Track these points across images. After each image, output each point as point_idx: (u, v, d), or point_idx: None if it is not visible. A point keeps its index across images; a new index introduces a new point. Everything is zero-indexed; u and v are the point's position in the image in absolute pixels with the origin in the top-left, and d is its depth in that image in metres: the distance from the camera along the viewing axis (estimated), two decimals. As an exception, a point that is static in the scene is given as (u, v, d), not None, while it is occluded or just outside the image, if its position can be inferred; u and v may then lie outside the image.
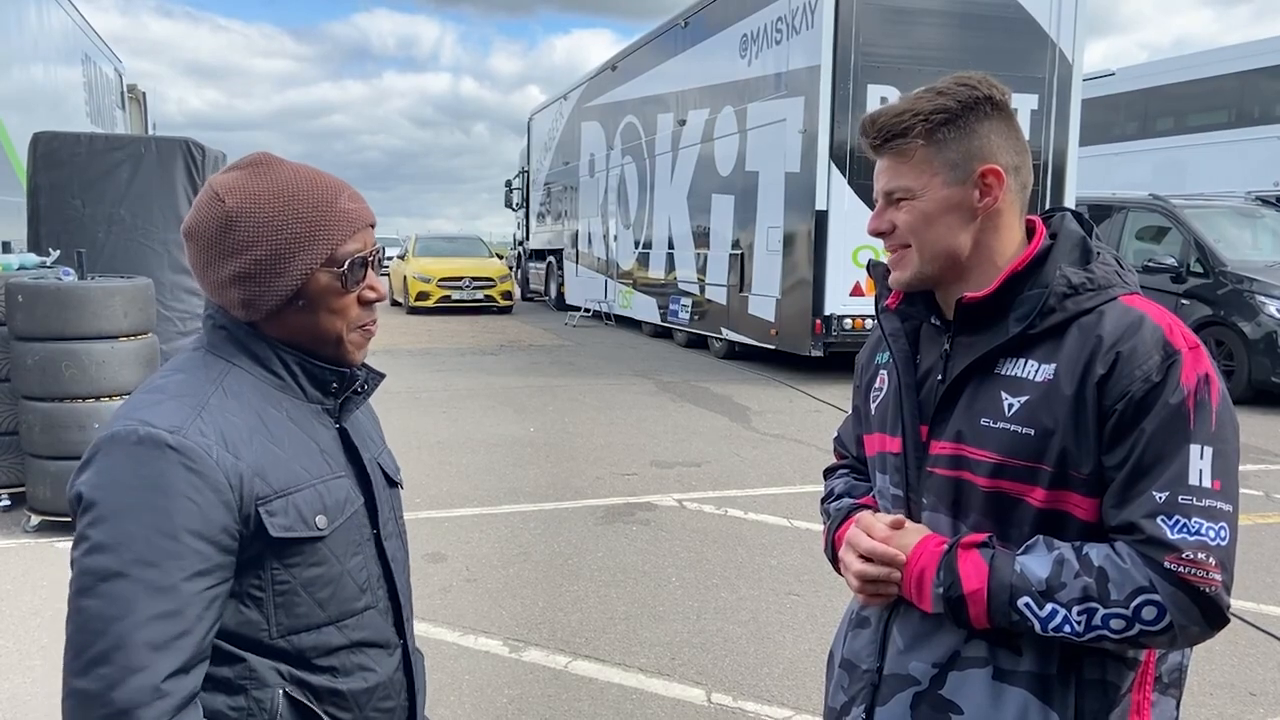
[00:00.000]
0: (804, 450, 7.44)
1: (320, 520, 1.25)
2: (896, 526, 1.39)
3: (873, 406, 1.52)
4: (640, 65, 15.78)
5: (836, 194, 10.19)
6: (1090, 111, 12.16)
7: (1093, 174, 14.52)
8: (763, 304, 11.53)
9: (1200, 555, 1.20)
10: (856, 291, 10.28)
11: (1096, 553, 1.25)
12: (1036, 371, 1.30)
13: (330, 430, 1.35)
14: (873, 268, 1.54)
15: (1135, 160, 16.93)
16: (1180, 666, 1.36)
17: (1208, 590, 1.20)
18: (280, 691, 1.23)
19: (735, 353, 12.68)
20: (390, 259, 23.29)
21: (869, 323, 10.53)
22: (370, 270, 1.32)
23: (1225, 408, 1.26)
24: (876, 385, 1.52)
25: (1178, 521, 1.21)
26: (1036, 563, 1.26)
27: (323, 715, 1.25)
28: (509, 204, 26.46)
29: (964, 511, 1.35)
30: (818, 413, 8.98)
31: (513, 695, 3.58)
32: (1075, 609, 1.23)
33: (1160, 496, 1.22)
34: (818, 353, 10.54)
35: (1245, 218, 11.55)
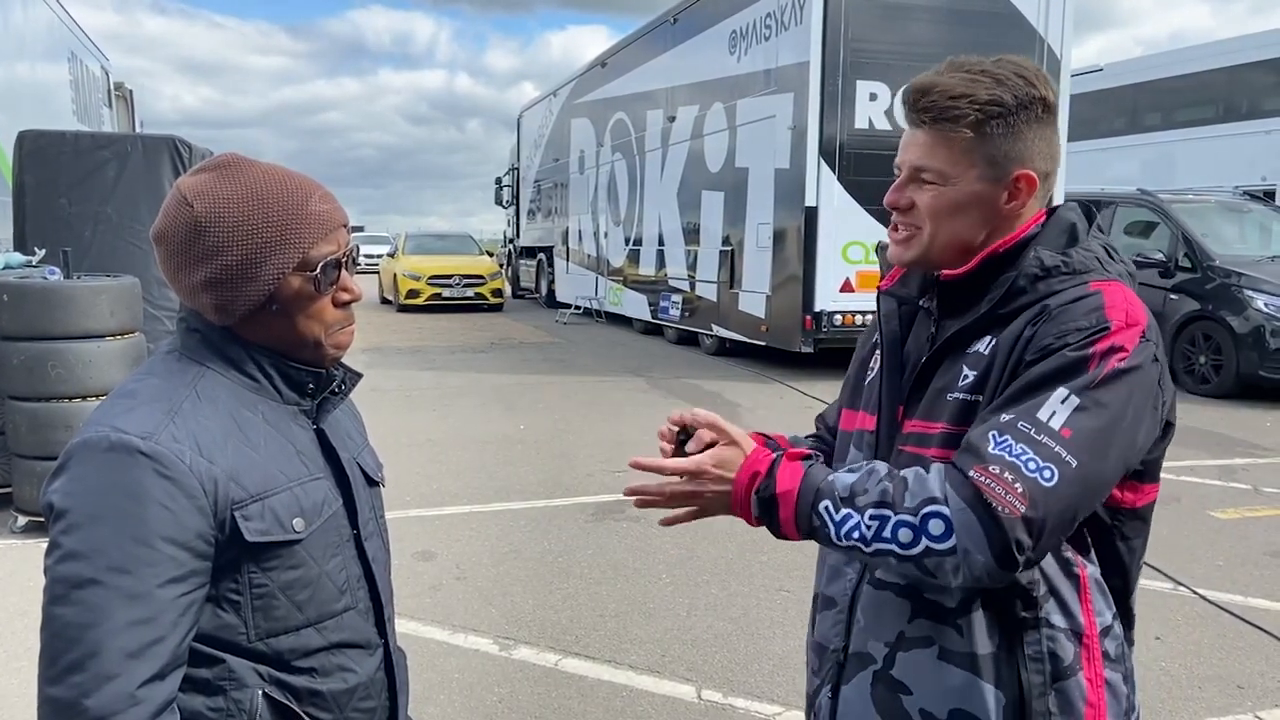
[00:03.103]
0: (794, 446, 7.44)
1: (297, 523, 1.24)
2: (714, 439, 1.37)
3: (865, 384, 1.53)
4: (630, 62, 15.76)
5: (826, 190, 10.19)
6: (1079, 107, 12.22)
7: (1082, 169, 14.59)
8: (753, 300, 11.54)
9: (1007, 475, 1.15)
10: (846, 288, 10.29)
11: (907, 469, 1.24)
12: (992, 344, 1.30)
13: (307, 431, 1.34)
14: (881, 250, 1.53)
15: (1124, 155, 17.01)
16: (1120, 640, 1.34)
17: (1000, 510, 1.13)
18: (259, 692, 1.22)
19: (726, 349, 12.69)
20: (379, 257, 23.21)
21: (859, 319, 10.64)
22: (344, 272, 1.30)
23: (1122, 379, 1.20)
24: (871, 365, 1.53)
25: (1005, 441, 1.17)
26: (849, 474, 1.26)
27: (303, 715, 1.24)
28: (499, 201, 26.43)
29: None
30: (808, 409, 8.99)
31: (502, 694, 3.57)
32: (868, 513, 1.20)
33: (1005, 418, 1.20)
34: (808, 349, 10.55)
35: (1233, 212, 11.61)
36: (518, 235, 24.81)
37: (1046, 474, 1.15)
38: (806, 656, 1.59)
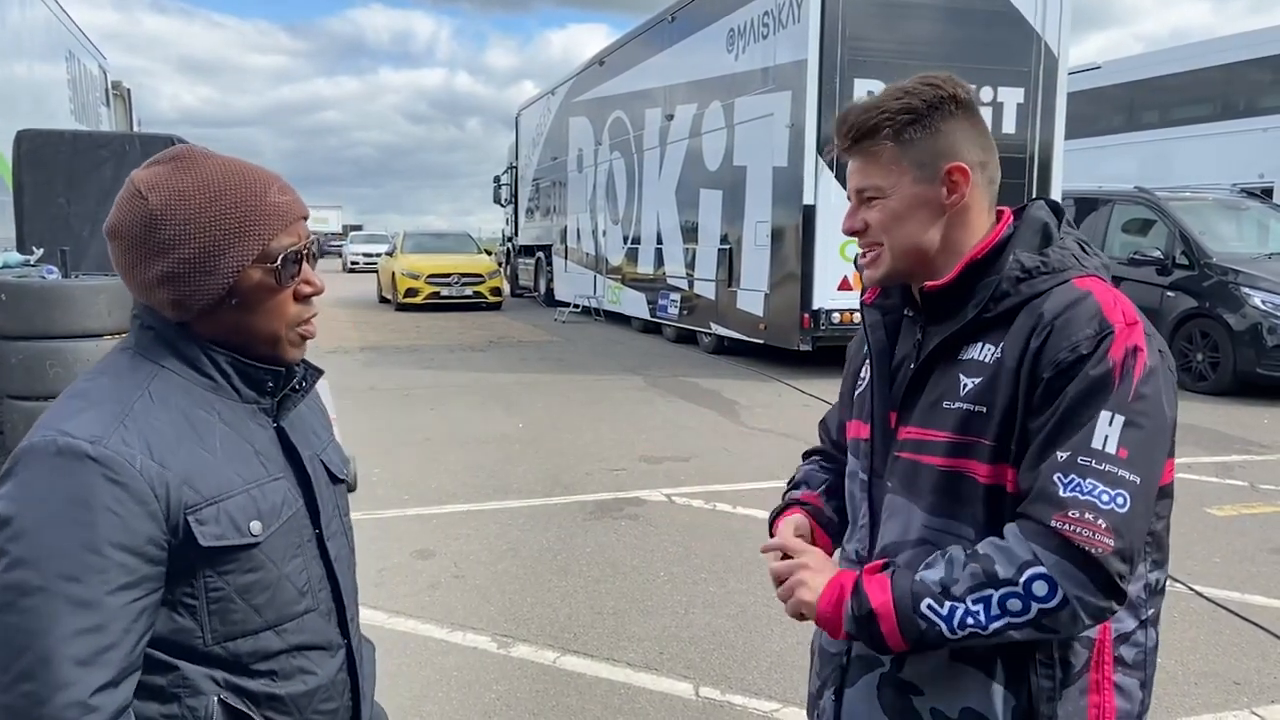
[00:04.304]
0: (792, 444, 7.44)
1: (254, 526, 1.21)
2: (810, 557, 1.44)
3: (855, 394, 1.57)
4: (628, 60, 15.76)
5: (824, 188, 10.20)
6: (1076, 105, 12.21)
7: (1079, 167, 14.57)
8: (751, 299, 11.54)
9: (1088, 515, 1.18)
10: (844, 286, 10.30)
11: (982, 544, 1.26)
12: (989, 353, 1.33)
13: (267, 430, 1.31)
14: (858, 263, 1.57)
15: (1121, 153, 17.00)
16: (1143, 647, 1.36)
17: (1093, 552, 1.17)
18: (215, 699, 1.19)
19: (724, 347, 12.70)
20: (378, 256, 23.18)
21: (857, 317, 10.61)
22: (306, 265, 1.28)
23: (1151, 383, 1.25)
24: (862, 375, 1.56)
25: (1072, 481, 1.20)
26: (932, 570, 1.28)
27: None
28: (498, 200, 26.43)
29: (919, 493, 1.37)
30: (806, 407, 8.99)
31: (501, 691, 3.58)
32: (970, 599, 1.22)
33: (1061, 456, 1.22)
34: (806, 347, 10.56)
35: (1230, 210, 11.62)
36: (516, 234, 24.80)
37: (1120, 500, 1.20)
38: (810, 658, 1.62)
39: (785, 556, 1.45)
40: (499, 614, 4.26)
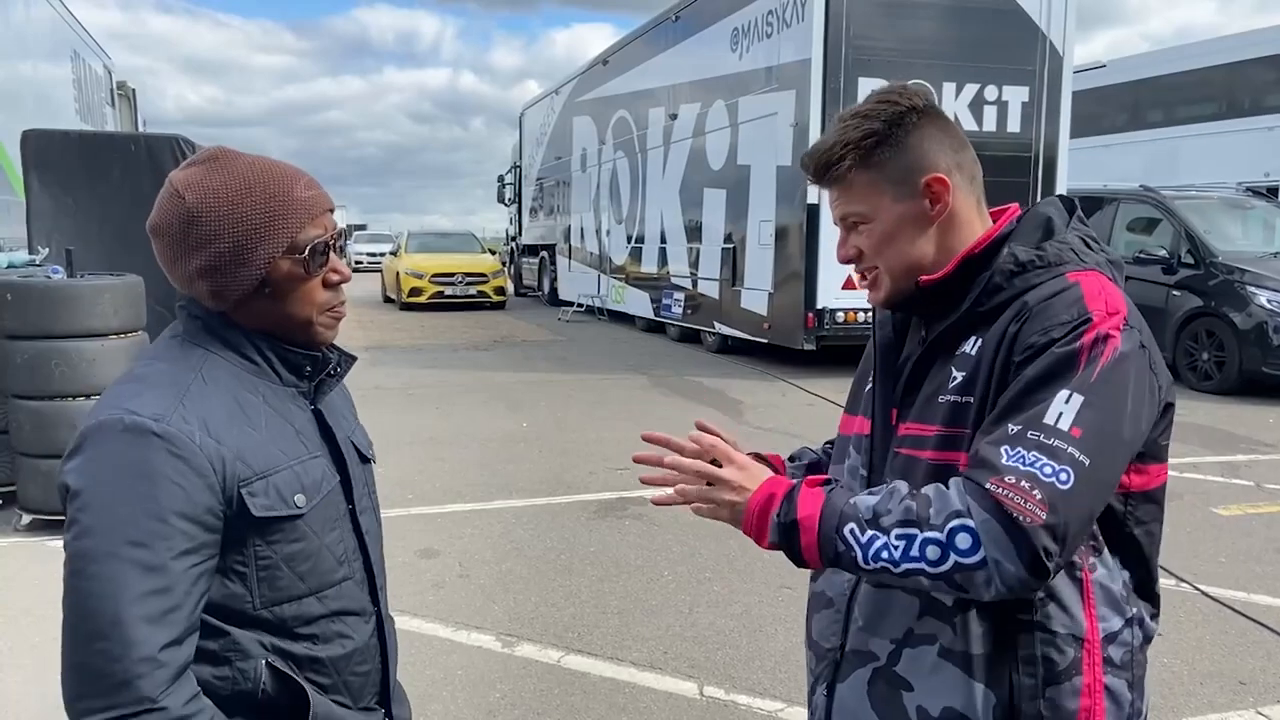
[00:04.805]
0: (796, 444, 7.38)
1: (299, 499, 1.31)
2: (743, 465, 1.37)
3: (865, 391, 1.55)
4: (631, 60, 15.76)
5: (828, 187, 10.18)
6: (1081, 103, 12.19)
7: (1084, 166, 14.54)
8: (755, 298, 11.54)
9: (1025, 484, 1.15)
10: (848, 285, 10.26)
11: (928, 486, 1.24)
12: (977, 346, 1.32)
13: (305, 412, 1.41)
14: None
15: (1127, 152, 16.96)
16: (1129, 647, 1.33)
17: (1023, 520, 1.14)
18: (263, 662, 1.28)
19: (728, 347, 12.69)
20: (382, 256, 23.21)
21: (861, 316, 10.64)
22: (332, 253, 1.37)
23: (1118, 369, 1.22)
24: (872, 372, 1.55)
25: (1017, 452, 1.18)
26: (870, 496, 1.26)
27: (303, 682, 1.30)
28: (501, 199, 26.44)
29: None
30: (810, 406, 8.99)
31: (505, 690, 3.58)
32: (895, 533, 1.20)
33: (1012, 429, 1.20)
34: (810, 346, 10.55)
35: (1236, 209, 11.60)
36: (520, 233, 24.82)
37: (1063, 477, 1.16)
38: (805, 655, 1.61)
39: (714, 464, 1.38)
40: (503, 613, 4.27)
